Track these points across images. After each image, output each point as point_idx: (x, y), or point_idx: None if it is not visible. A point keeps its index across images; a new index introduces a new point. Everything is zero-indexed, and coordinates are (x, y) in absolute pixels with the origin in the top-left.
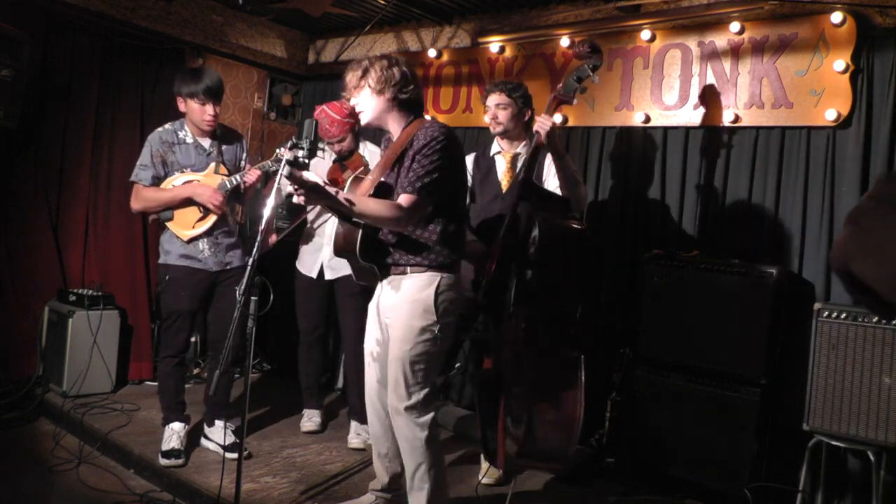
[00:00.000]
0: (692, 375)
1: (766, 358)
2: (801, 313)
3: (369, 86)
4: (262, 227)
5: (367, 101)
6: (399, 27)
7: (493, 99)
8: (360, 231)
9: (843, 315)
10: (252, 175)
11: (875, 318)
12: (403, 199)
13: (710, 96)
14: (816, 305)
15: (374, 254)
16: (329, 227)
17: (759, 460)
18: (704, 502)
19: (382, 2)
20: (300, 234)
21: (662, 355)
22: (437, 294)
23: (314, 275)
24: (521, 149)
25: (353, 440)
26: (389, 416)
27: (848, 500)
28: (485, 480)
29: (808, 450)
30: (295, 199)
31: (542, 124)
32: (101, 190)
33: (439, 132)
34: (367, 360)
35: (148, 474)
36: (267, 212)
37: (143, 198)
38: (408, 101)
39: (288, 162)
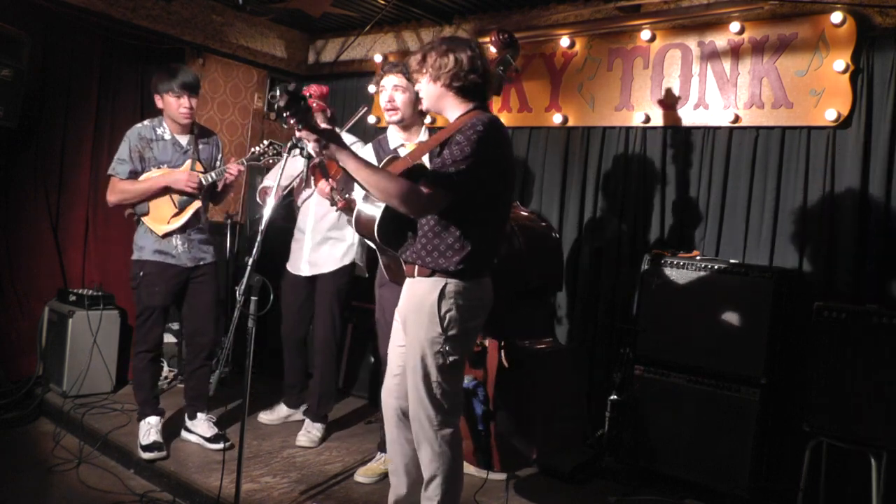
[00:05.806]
0: (692, 375)
1: (766, 358)
2: (801, 313)
3: (427, 72)
4: (262, 226)
5: (424, 88)
6: (399, 27)
7: (391, 80)
8: (382, 208)
9: (843, 315)
10: (233, 169)
11: (875, 318)
12: (421, 182)
13: (710, 96)
14: (816, 305)
15: (394, 238)
16: (311, 217)
17: (759, 460)
18: (704, 502)
19: (382, 2)
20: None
21: (662, 355)
22: (440, 301)
23: (296, 271)
24: (424, 136)
25: (301, 438)
26: (407, 425)
27: (848, 501)
28: (360, 479)
29: (808, 450)
30: (309, 148)
31: None
32: (101, 190)
33: (481, 122)
34: (390, 366)
35: (148, 474)
36: (267, 212)
37: (119, 190)
38: (464, 89)
39: (287, 91)
